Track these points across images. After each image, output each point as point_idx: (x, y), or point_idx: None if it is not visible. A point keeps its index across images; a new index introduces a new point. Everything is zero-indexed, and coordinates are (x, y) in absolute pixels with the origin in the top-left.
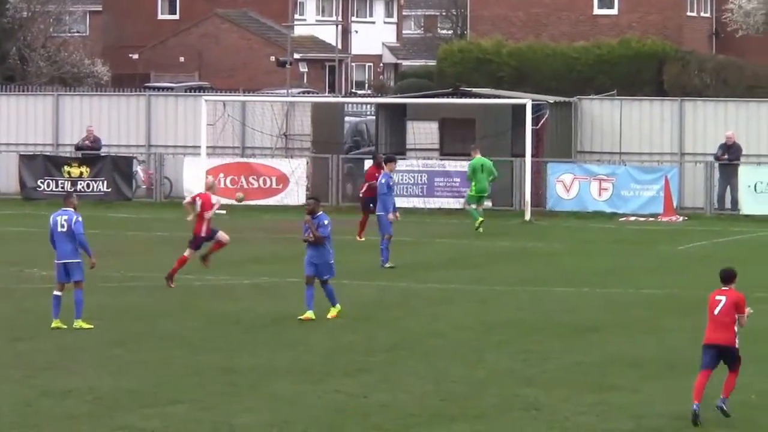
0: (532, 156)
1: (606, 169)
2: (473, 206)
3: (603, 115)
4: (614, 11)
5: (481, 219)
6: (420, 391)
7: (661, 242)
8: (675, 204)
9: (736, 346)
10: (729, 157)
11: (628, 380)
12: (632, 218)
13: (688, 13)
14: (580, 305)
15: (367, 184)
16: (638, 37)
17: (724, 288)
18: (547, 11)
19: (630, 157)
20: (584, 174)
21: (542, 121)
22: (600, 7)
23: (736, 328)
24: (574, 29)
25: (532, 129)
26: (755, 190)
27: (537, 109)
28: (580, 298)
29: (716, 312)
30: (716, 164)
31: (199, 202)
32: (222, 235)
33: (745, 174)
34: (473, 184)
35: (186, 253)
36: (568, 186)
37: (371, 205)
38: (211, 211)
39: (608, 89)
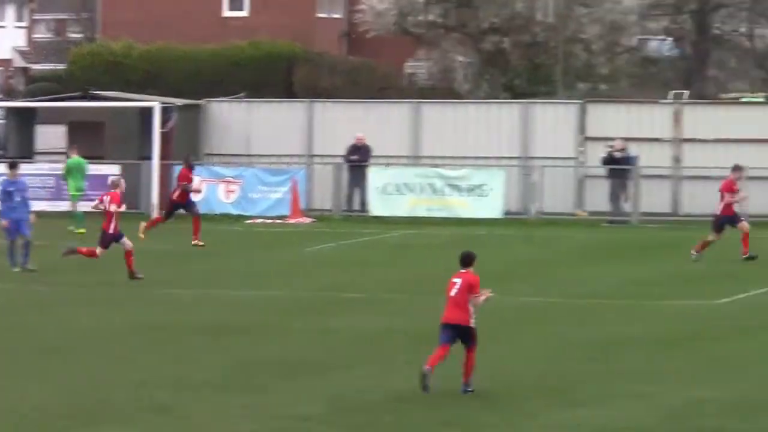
0: (161, 159)
1: (233, 171)
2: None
3: (231, 118)
4: (244, 13)
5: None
6: (66, 393)
7: (288, 244)
8: (303, 206)
9: (471, 325)
10: (358, 158)
11: (256, 381)
12: (259, 220)
13: (319, 15)
14: (210, 307)
15: (180, 188)
16: (269, 39)
17: (462, 271)
18: (178, 14)
19: (259, 159)
20: (212, 176)
21: (170, 124)
22: (230, 9)
23: (471, 309)
24: (206, 32)
25: (161, 132)
26: (384, 191)
27: (165, 112)
28: (209, 301)
29: (453, 293)
30: (345, 166)
31: (107, 199)
32: (126, 242)
33: (375, 175)
34: (71, 183)
35: (97, 251)
36: (196, 188)
37: (181, 209)
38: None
39: (238, 91)
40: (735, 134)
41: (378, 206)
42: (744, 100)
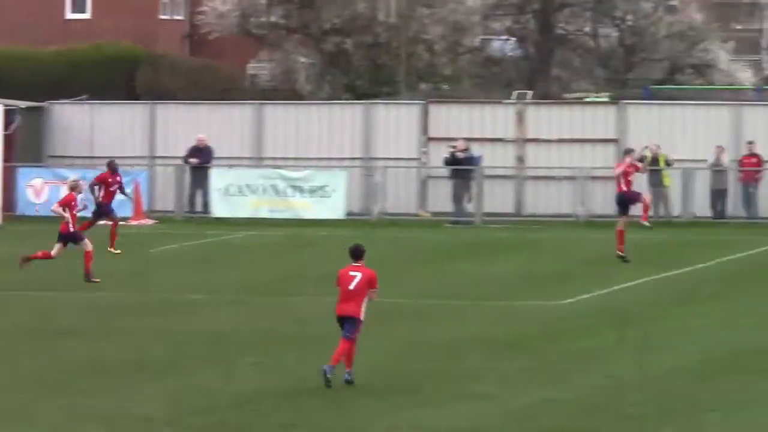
0: (4, 161)
1: (76, 172)
2: None
3: (74, 120)
4: (87, 15)
5: None
6: None
7: (131, 246)
8: (145, 207)
9: (361, 317)
10: (200, 160)
11: (98, 383)
12: (102, 222)
13: (162, 17)
14: (49, 310)
15: (102, 191)
16: (111, 41)
17: (355, 264)
18: (20, 16)
19: (102, 161)
20: (55, 178)
21: (13, 126)
22: (73, 11)
23: (365, 302)
24: (48, 34)
25: (4, 134)
26: (226, 192)
27: (8, 114)
28: (50, 303)
29: (351, 287)
30: (187, 167)
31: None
32: (87, 244)
33: (217, 177)
34: None
35: (53, 252)
36: (39, 190)
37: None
38: (60, 209)
39: (80, 94)
40: (579, 134)
41: (220, 207)
42: (588, 99)
